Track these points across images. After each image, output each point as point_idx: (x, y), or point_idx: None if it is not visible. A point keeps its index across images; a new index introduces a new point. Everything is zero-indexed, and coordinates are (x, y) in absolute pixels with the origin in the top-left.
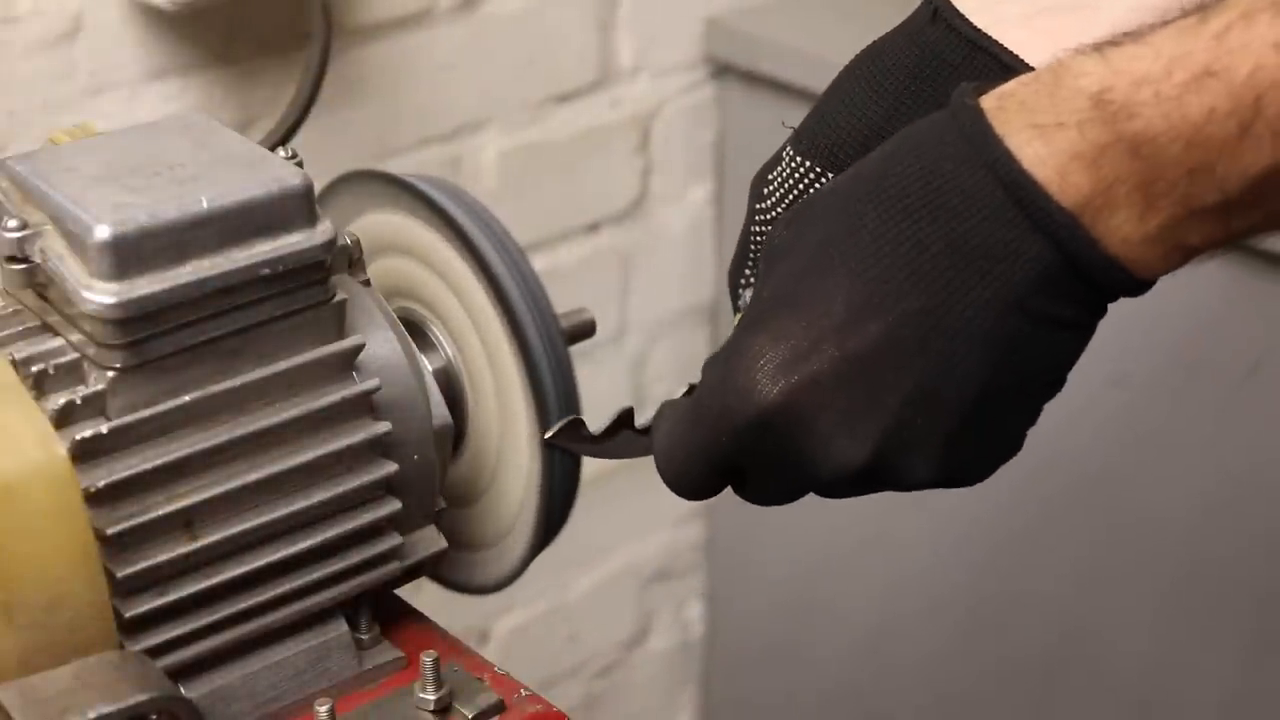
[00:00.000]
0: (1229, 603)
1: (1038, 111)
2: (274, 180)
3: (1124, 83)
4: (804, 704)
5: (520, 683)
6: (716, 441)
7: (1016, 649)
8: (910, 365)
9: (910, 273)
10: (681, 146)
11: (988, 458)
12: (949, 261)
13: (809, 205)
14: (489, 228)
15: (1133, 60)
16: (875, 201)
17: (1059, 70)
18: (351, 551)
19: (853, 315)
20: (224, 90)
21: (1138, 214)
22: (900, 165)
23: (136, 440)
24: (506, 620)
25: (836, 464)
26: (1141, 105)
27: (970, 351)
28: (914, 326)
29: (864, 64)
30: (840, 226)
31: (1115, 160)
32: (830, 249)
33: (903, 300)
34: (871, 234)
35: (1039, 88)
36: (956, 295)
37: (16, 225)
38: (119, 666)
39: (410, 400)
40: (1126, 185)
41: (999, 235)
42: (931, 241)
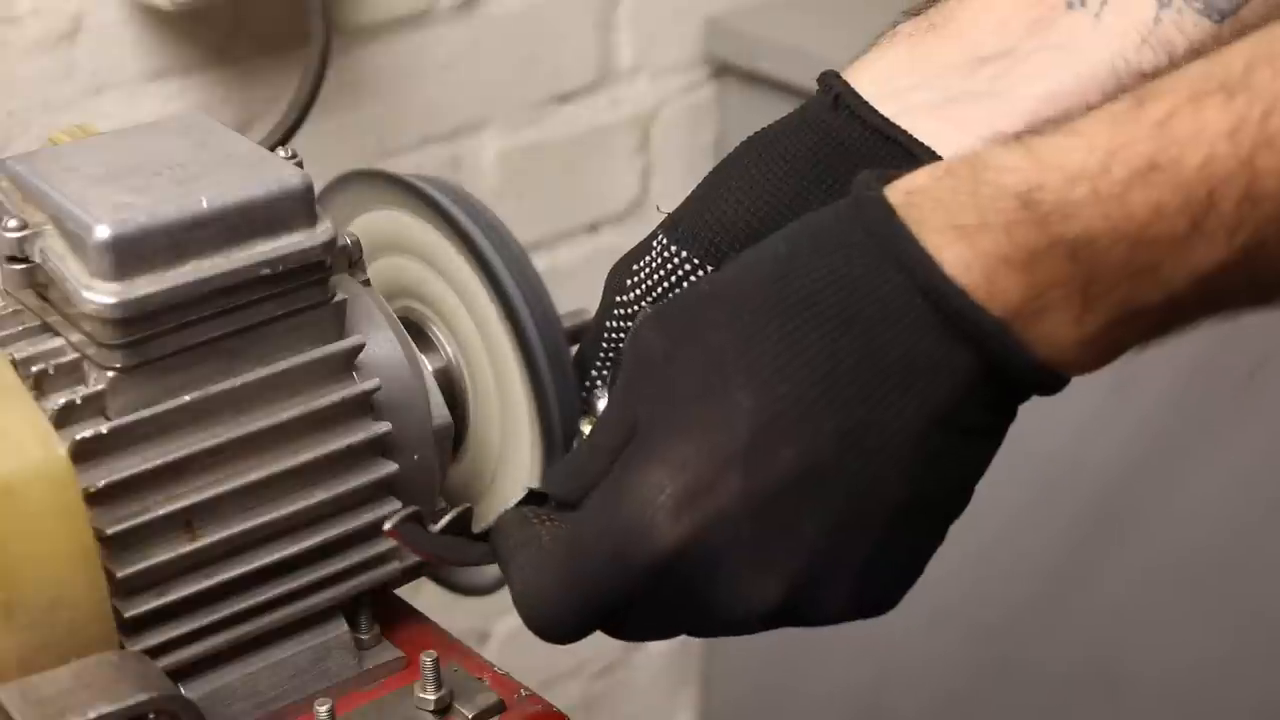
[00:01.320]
0: (1230, 604)
1: (956, 210)
2: (274, 180)
3: (1055, 180)
4: (804, 704)
5: (520, 683)
6: (600, 587)
7: (1016, 649)
8: (826, 493)
9: (824, 390)
10: (681, 146)
11: (900, 584)
12: (867, 376)
13: (687, 309)
14: (491, 227)
15: (1064, 153)
16: (776, 309)
17: (976, 165)
18: (351, 551)
19: (760, 439)
20: (224, 90)
21: (1073, 318)
22: (803, 267)
23: (136, 440)
24: (506, 620)
25: (745, 608)
26: (1078, 205)
27: (890, 473)
28: (830, 450)
29: (753, 151)
30: (734, 336)
31: (1049, 265)
32: (725, 363)
33: (816, 420)
34: (775, 346)
35: (955, 183)
36: (876, 413)
37: (16, 225)
38: (119, 666)
39: (410, 400)
40: (1062, 290)
41: (921, 347)
42: (846, 354)
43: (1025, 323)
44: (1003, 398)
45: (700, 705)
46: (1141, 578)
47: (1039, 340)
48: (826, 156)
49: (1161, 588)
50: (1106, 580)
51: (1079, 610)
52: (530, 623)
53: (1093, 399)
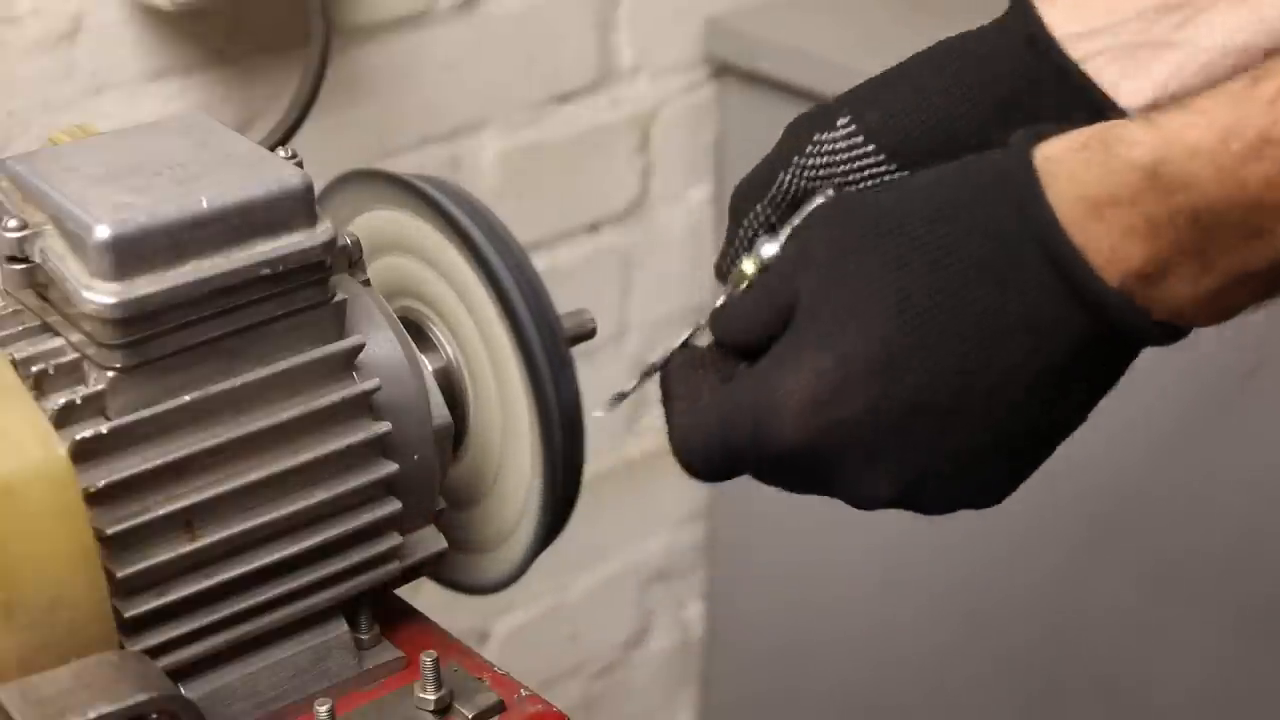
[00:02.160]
0: (1228, 604)
1: (1089, 184)
2: (274, 180)
3: (1178, 153)
4: (804, 704)
5: (520, 683)
6: (736, 454)
7: (1016, 648)
8: (941, 421)
9: (952, 333)
10: (681, 146)
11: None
12: (993, 324)
13: (860, 223)
14: (491, 227)
15: (1185, 129)
16: (923, 252)
17: (1109, 139)
18: (351, 551)
19: (889, 365)
20: (224, 90)
21: (1191, 279)
22: (951, 218)
23: (136, 440)
24: (506, 620)
25: (859, 498)
26: (1197, 176)
27: (1001, 410)
28: (948, 385)
29: (950, 62)
30: (886, 271)
31: (1170, 231)
32: (872, 288)
33: (941, 354)
34: (916, 286)
35: (1089, 157)
36: (995, 360)
37: (16, 225)
38: (119, 666)
39: (410, 400)
40: (1181, 254)
41: (1045, 308)
42: (974, 303)
43: (1146, 285)
44: (1123, 347)
45: (700, 705)
46: (1140, 578)
47: (1158, 300)
48: (1015, 91)
49: (1160, 588)
50: (1105, 580)
51: (1079, 611)
52: (679, 461)
53: None
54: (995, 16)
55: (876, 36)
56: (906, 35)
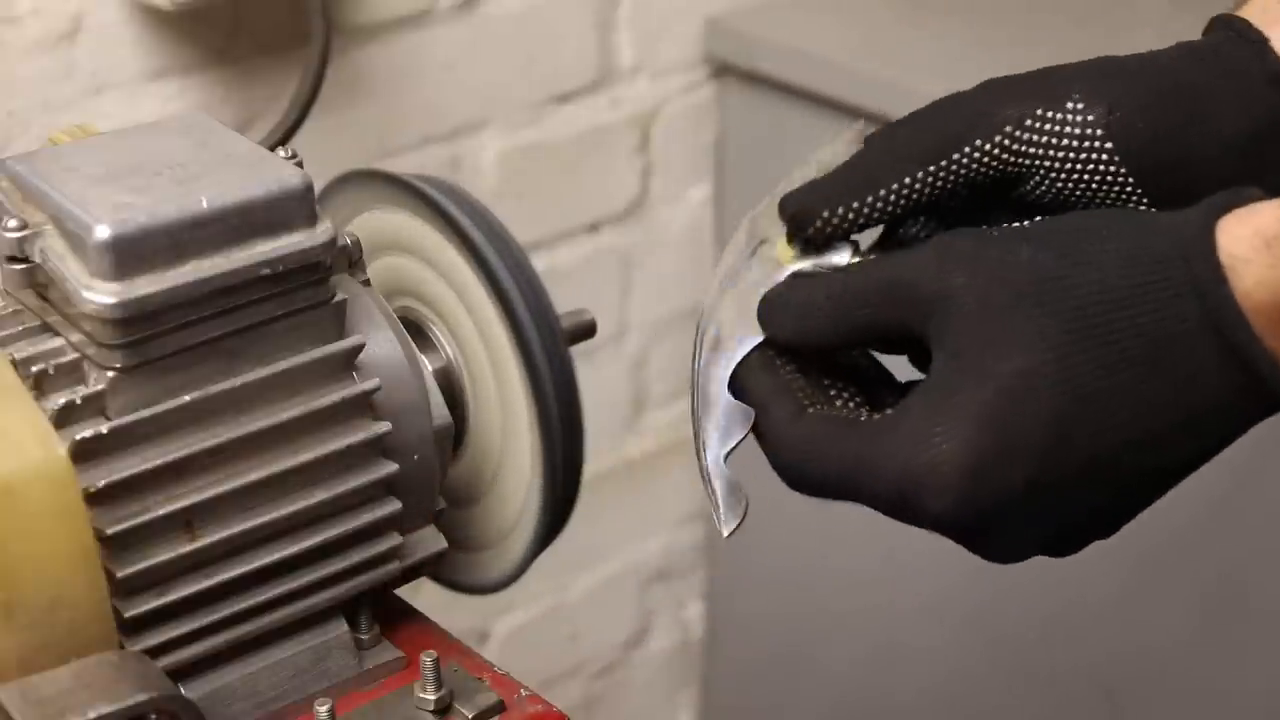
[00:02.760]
0: (1227, 603)
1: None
2: (274, 180)
3: None
4: (804, 704)
5: (520, 683)
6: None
7: (1017, 648)
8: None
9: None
10: (681, 146)
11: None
12: (1162, 418)
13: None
14: (490, 227)
15: None
16: (1095, 339)
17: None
18: (351, 551)
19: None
20: (224, 90)
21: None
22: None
23: (136, 440)
24: (506, 620)
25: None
26: None
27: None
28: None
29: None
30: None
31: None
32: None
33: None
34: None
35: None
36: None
37: (16, 225)
38: (119, 666)
39: (410, 400)
40: None
41: (1222, 406)
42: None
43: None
44: None
45: (700, 705)
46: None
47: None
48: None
49: (1162, 590)
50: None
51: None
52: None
53: None
54: (993, 16)
55: (877, 36)
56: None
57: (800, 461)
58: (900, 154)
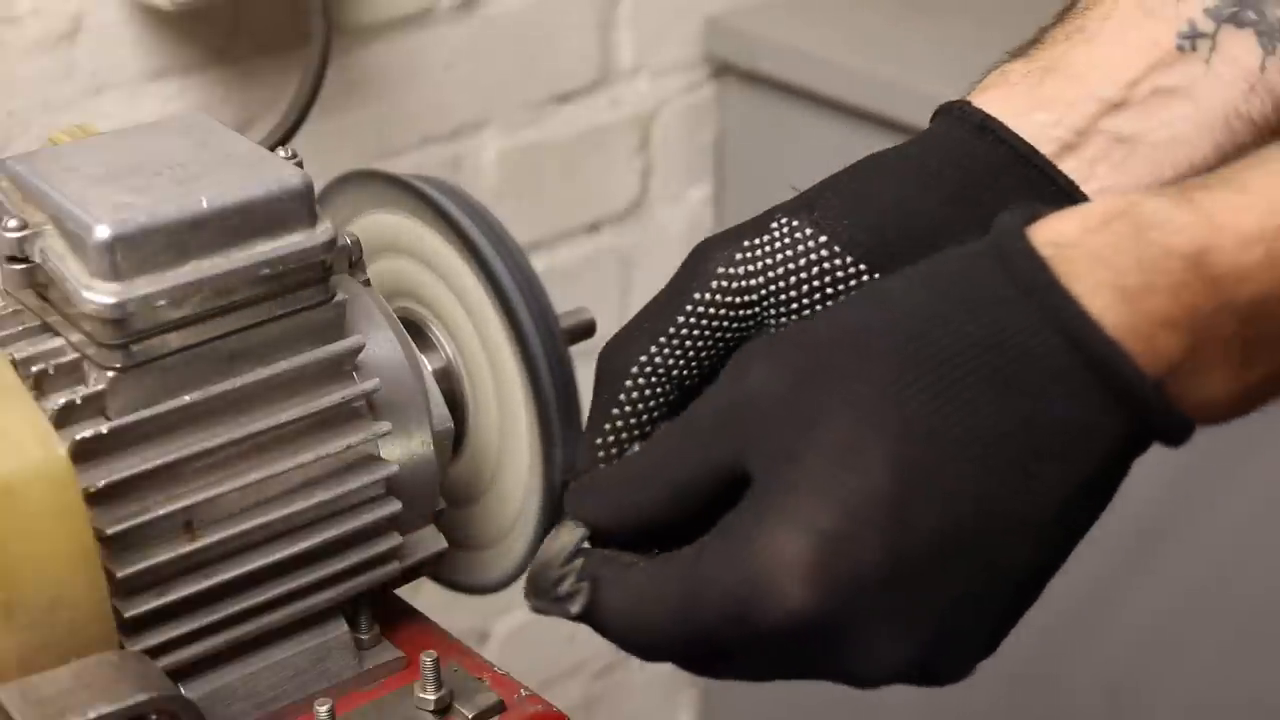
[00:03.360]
0: (1227, 606)
1: (1119, 270)
2: (274, 180)
3: (1229, 242)
4: (803, 704)
5: (520, 683)
6: (715, 640)
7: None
8: (965, 562)
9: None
10: (681, 146)
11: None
12: (1021, 442)
13: (810, 351)
14: (489, 228)
15: (1236, 213)
16: (923, 366)
17: (1138, 221)
18: (351, 552)
19: (902, 505)
20: (224, 90)
21: (1231, 374)
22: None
23: (136, 440)
24: (506, 620)
25: (873, 671)
26: (1252, 268)
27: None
28: (970, 521)
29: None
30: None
31: (1215, 326)
32: (864, 421)
33: (961, 489)
34: (918, 407)
35: (1113, 239)
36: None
37: (16, 225)
38: (119, 666)
39: (410, 400)
40: (1223, 351)
41: (1078, 414)
42: (999, 420)
43: (1181, 379)
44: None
45: (700, 705)
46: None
47: (1190, 394)
48: (975, 179)
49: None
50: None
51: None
52: (626, 647)
53: None
54: (992, 18)
55: (876, 36)
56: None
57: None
58: (627, 351)
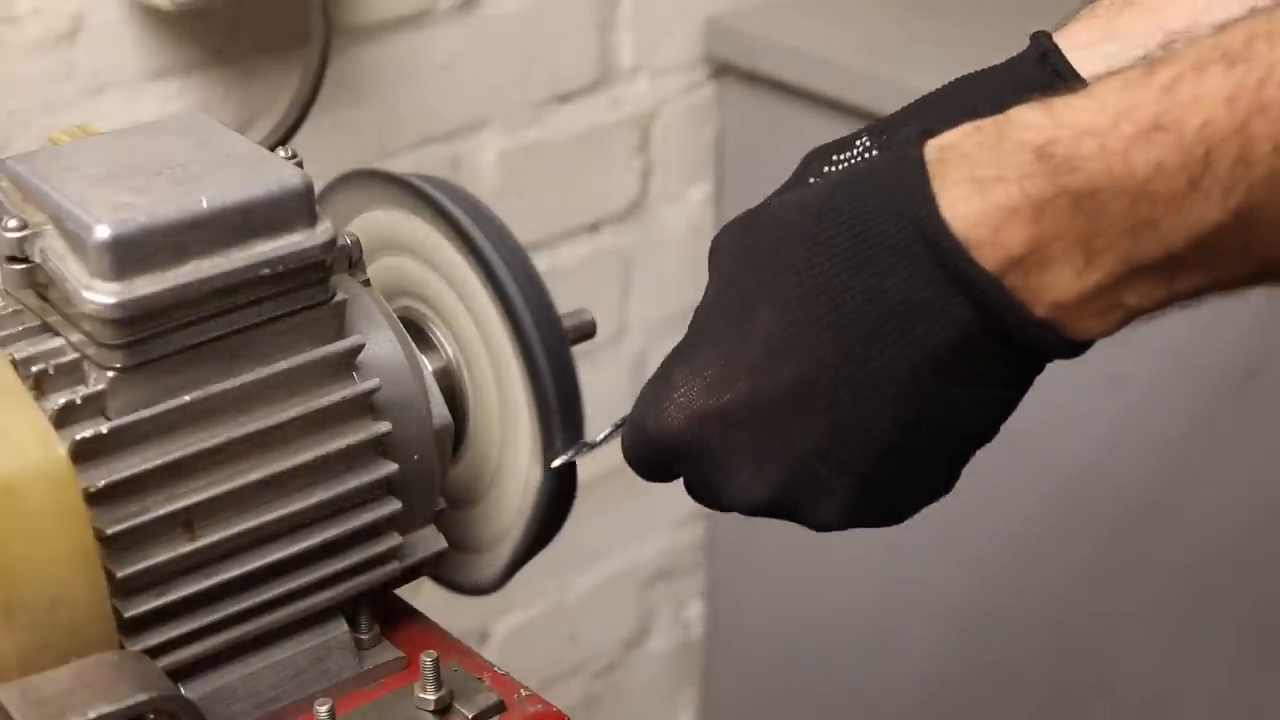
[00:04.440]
0: (1228, 606)
1: (979, 164)
2: (274, 180)
3: (1067, 135)
4: (804, 704)
5: (520, 683)
6: (646, 453)
7: (1016, 649)
8: (819, 416)
9: (829, 323)
10: (681, 146)
11: (905, 503)
12: (868, 316)
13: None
14: (491, 227)
15: (1078, 112)
16: (806, 243)
17: (1003, 122)
18: (351, 551)
19: (767, 357)
20: (224, 90)
21: (1075, 271)
22: (834, 208)
23: (136, 440)
24: (506, 620)
25: (742, 498)
26: (1085, 158)
27: (881, 408)
28: (826, 378)
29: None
30: (771, 262)
31: (1055, 215)
32: (759, 284)
33: (818, 350)
34: (797, 277)
35: (982, 139)
36: (872, 351)
37: (16, 225)
38: (119, 666)
39: (410, 400)
40: (1065, 241)
41: (920, 294)
42: (853, 294)
43: (1026, 273)
44: (1010, 353)
45: (700, 705)
46: (1141, 581)
47: (1039, 292)
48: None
49: (1160, 591)
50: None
51: (1081, 608)
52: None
53: (1092, 399)
54: (992, 18)
55: (876, 36)
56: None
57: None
58: None
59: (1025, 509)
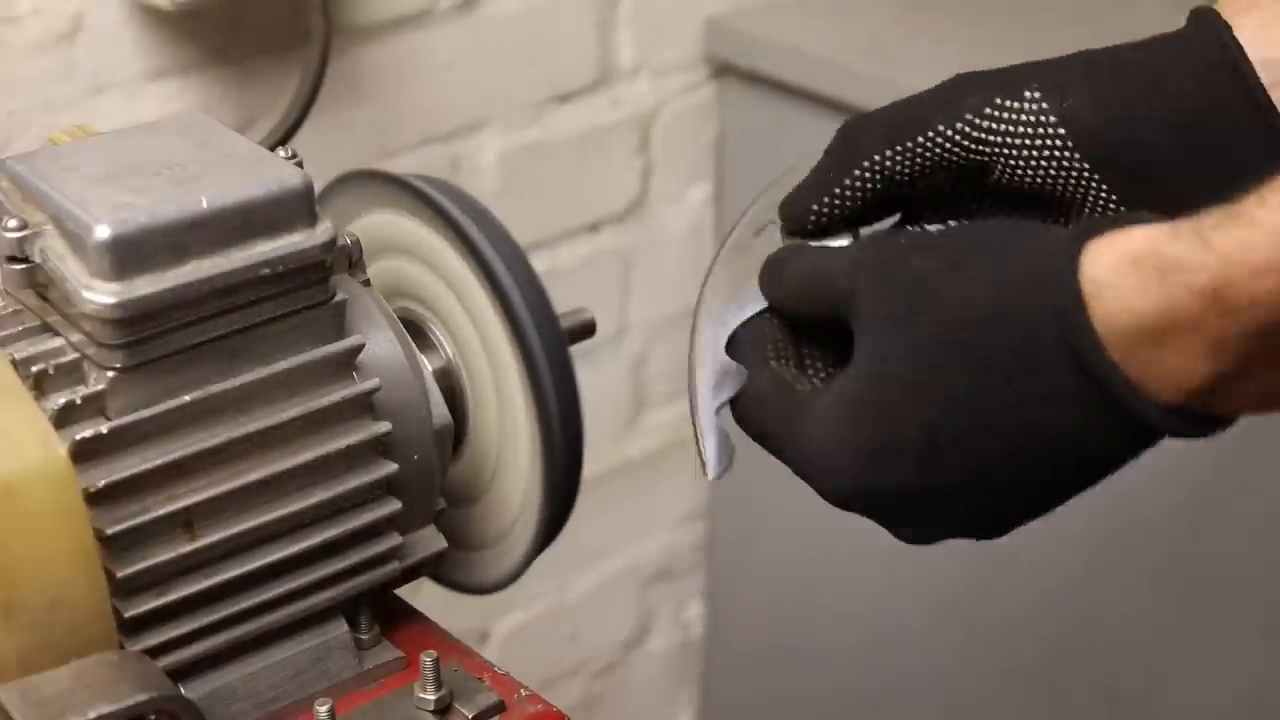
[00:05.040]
0: (1228, 606)
1: (1145, 314)
2: (274, 180)
3: (1241, 274)
4: (804, 704)
5: (520, 683)
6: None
7: (1016, 648)
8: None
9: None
10: (681, 146)
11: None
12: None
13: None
14: (490, 228)
15: (1245, 249)
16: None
17: (1163, 266)
18: (351, 551)
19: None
20: (224, 90)
21: (1259, 383)
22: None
23: (136, 440)
24: (506, 620)
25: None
26: (1264, 293)
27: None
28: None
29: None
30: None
31: (1236, 349)
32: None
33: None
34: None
35: (1142, 285)
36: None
37: (16, 225)
38: (119, 666)
39: (410, 400)
40: (1248, 366)
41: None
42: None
43: (1209, 396)
44: None
45: (700, 705)
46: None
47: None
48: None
49: (1160, 591)
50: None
51: (1081, 609)
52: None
53: None
54: (993, 16)
55: (876, 36)
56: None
57: (743, 409)
58: (867, 139)
59: None
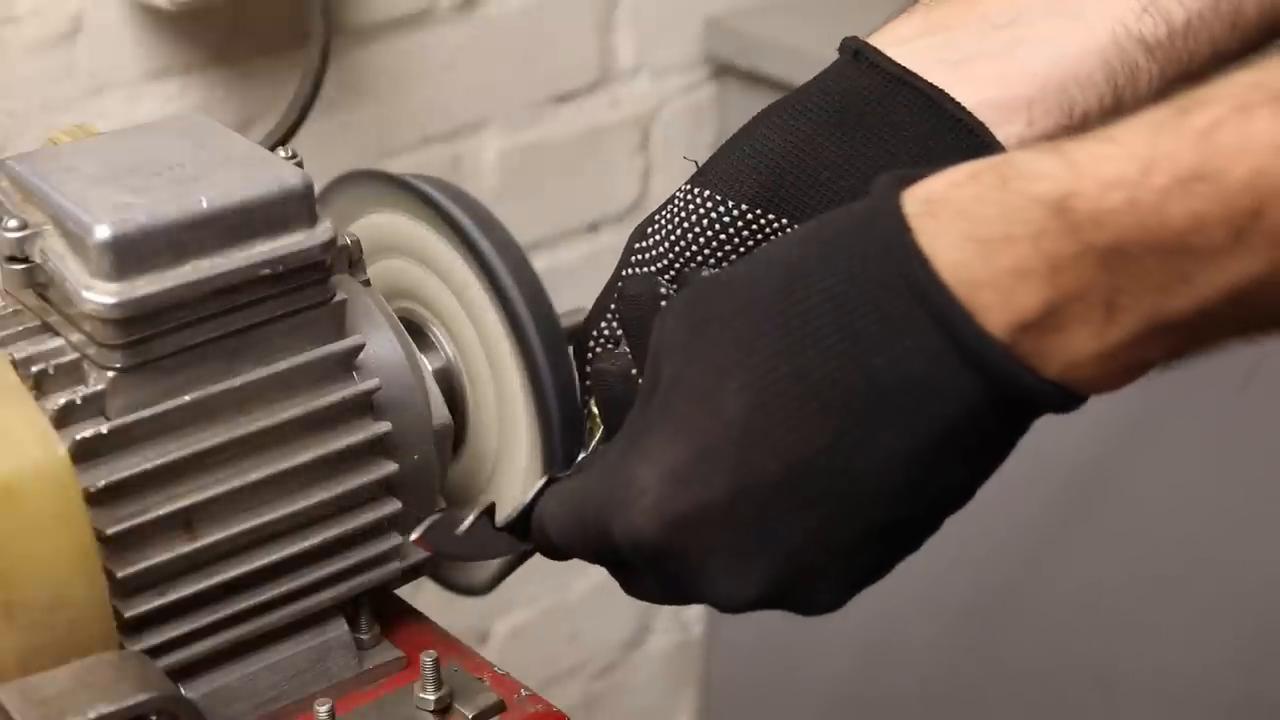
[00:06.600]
0: (1228, 605)
1: (979, 221)
2: (274, 180)
3: (1091, 187)
4: (803, 704)
5: (520, 683)
6: (594, 548)
7: (1016, 648)
8: (810, 508)
9: (818, 407)
10: (681, 146)
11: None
12: (863, 398)
13: (702, 300)
14: (490, 228)
15: (1100, 160)
16: (779, 316)
17: (1005, 172)
18: (351, 551)
19: (747, 448)
20: (224, 90)
21: (1094, 331)
22: (809, 275)
23: (136, 440)
24: (506, 620)
25: (726, 599)
26: (1113, 213)
27: (876, 494)
28: (819, 468)
29: (777, 106)
30: (736, 340)
31: (1075, 275)
32: (723, 366)
33: (806, 438)
34: (773, 355)
35: (979, 191)
36: (868, 435)
37: (16, 225)
38: (119, 666)
39: (410, 400)
40: (1085, 301)
41: (923, 370)
42: (843, 374)
43: (1040, 336)
44: (1011, 416)
45: (700, 705)
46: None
47: (1052, 355)
48: (845, 104)
49: (1157, 588)
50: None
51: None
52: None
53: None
54: None
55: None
56: None
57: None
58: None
59: (1025, 509)
